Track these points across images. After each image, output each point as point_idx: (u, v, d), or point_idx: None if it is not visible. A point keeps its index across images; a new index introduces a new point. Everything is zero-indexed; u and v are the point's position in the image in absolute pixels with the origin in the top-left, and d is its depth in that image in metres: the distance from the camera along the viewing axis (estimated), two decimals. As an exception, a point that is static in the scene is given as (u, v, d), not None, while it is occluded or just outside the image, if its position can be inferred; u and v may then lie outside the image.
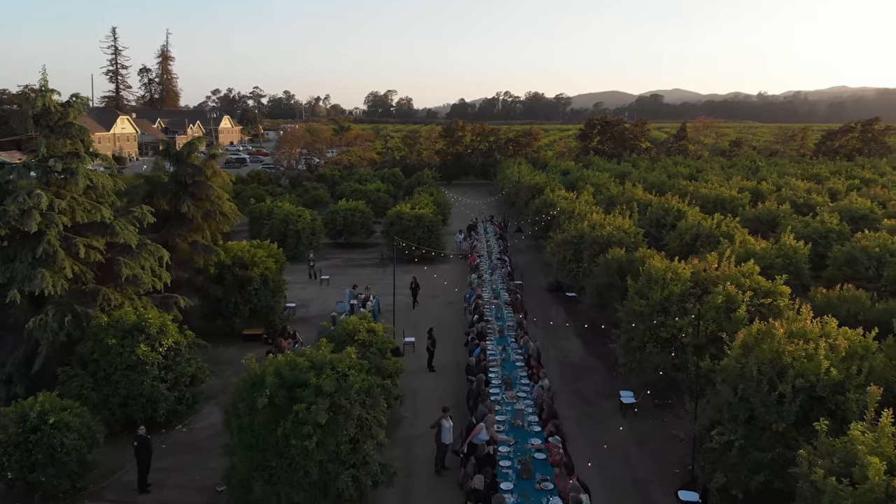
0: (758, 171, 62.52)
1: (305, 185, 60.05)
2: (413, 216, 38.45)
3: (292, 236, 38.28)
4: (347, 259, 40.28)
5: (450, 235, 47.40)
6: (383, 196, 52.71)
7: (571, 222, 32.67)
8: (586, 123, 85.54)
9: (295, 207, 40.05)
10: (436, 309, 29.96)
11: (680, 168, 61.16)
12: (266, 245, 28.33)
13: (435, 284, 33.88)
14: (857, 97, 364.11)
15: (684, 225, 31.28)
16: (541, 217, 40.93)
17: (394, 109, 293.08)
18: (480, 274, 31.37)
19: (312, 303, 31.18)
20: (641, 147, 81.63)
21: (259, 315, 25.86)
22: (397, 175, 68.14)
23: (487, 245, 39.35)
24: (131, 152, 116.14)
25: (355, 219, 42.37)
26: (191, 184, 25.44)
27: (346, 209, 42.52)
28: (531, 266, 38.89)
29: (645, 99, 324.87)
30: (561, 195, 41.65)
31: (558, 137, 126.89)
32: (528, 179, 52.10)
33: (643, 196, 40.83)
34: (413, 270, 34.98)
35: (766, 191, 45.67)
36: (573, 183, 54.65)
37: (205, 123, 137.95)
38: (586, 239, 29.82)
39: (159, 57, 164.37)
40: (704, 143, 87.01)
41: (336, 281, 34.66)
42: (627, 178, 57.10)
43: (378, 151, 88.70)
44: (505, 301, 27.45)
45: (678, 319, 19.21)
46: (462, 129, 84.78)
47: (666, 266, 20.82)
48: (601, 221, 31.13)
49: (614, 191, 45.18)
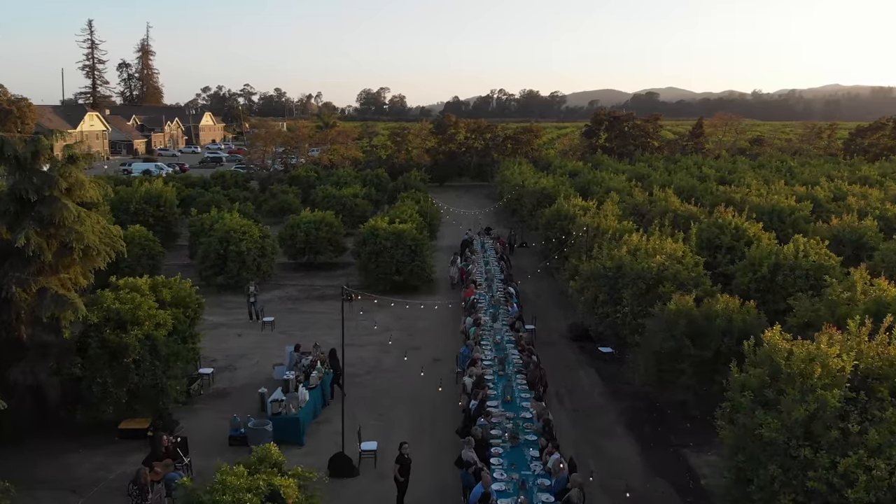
0: (792, 173, 53.67)
1: (273, 189, 50.83)
2: (391, 233, 29.36)
3: (234, 260, 29.16)
4: (307, 288, 31.06)
5: (440, 252, 38.36)
6: (361, 203, 43.55)
7: (602, 246, 23.68)
8: (593, 119, 76.32)
9: (241, 221, 30.85)
10: (416, 373, 21.04)
11: (706, 169, 52.16)
12: (172, 282, 19.28)
13: (418, 329, 24.93)
14: (852, 95, 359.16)
15: (758, 253, 22.31)
16: (554, 233, 31.92)
17: (386, 107, 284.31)
18: (478, 319, 22.29)
19: (244, 361, 22.06)
20: (653, 145, 72.57)
21: (144, 399, 16.78)
22: (382, 177, 58.94)
23: (486, 269, 30.35)
24: (101, 151, 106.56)
25: (321, 234, 33.21)
26: (36, 202, 16.28)
27: (308, 222, 33.33)
28: (543, 297, 29.80)
29: (641, 97, 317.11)
30: (578, 205, 32.65)
31: (556, 136, 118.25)
32: (532, 183, 43.06)
33: (681, 207, 31.83)
34: (388, 308, 25.97)
35: (823, 199, 36.72)
36: (585, 187, 45.64)
37: (184, 120, 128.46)
38: (627, 272, 20.86)
39: (139, 51, 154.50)
40: (723, 141, 77.98)
41: (285, 323, 25.56)
42: (647, 181, 48.18)
43: (364, 149, 79.54)
44: (516, 369, 18.46)
45: (840, 459, 10.25)
46: (455, 126, 75.56)
47: (805, 351, 11.76)
48: (645, 246, 22.17)
49: (640, 198, 36.20)
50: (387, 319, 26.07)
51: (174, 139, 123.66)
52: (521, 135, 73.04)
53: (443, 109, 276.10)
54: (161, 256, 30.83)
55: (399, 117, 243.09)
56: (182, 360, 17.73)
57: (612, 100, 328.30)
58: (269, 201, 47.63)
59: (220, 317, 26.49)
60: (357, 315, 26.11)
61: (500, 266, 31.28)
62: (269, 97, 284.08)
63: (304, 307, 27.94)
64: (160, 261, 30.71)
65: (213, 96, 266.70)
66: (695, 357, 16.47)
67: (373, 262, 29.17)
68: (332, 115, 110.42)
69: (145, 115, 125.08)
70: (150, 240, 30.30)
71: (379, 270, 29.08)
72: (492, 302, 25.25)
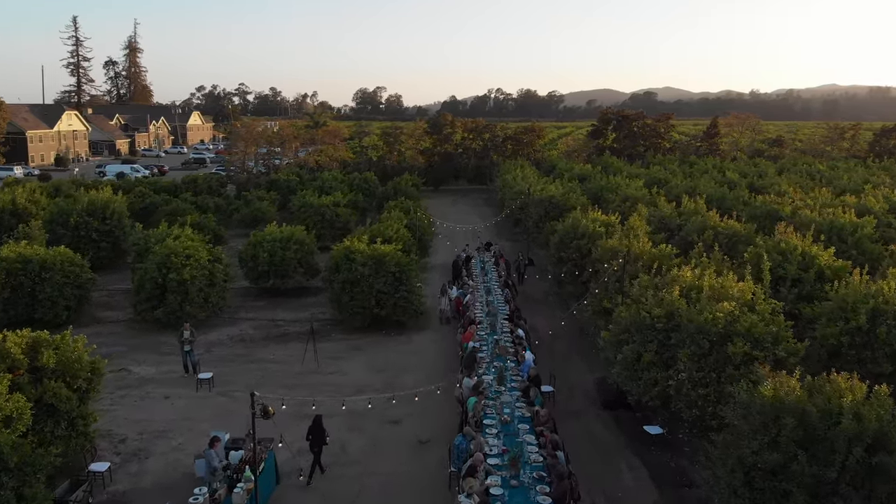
0: (822, 177, 47.91)
1: (246, 196, 44.89)
2: (370, 256, 23.43)
3: (175, 290, 23.23)
4: (266, 325, 24.93)
5: (433, 271, 32.52)
6: (343, 213, 37.60)
7: (638, 281, 17.79)
8: (599, 118, 70.23)
9: (186, 241, 24.87)
10: (393, 461, 15.11)
11: (731, 174, 46.22)
12: (59, 340, 13.49)
13: (401, 385, 19.09)
14: (850, 95, 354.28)
15: (849, 294, 16.46)
16: (569, 254, 26.04)
17: (383, 107, 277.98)
18: (480, 384, 16.36)
19: (163, 442, 16.04)
20: (665, 146, 66.61)
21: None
22: (371, 181, 52.98)
23: (488, 299, 24.51)
24: (81, 152, 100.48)
25: (288, 254, 27.29)
26: None
27: (272, 240, 27.39)
28: (559, 339, 23.77)
29: (639, 96, 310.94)
30: (598, 220, 26.77)
31: (556, 136, 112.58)
32: (539, 190, 37.17)
33: (723, 224, 25.90)
34: (364, 352, 20.14)
35: (879, 210, 30.88)
36: (598, 194, 39.85)
37: (170, 120, 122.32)
38: (683, 325, 15.04)
39: (126, 48, 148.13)
40: (738, 142, 71.97)
41: (229, 378, 19.63)
42: (666, 187, 42.36)
43: (354, 150, 73.64)
44: (534, 473, 12.65)
45: None
46: (451, 125, 69.57)
47: None
48: (702, 284, 16.30)
49: (667, 210, 30.34)
50: (360, 371, 20.22)
51: (160, 139, 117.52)
52: (522, 135, 67.03)
53: (439, 109, 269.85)
54: (90, 284, 24.91)
55: (395, 117, 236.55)
56: (43, 469, 11.88)
57: (610, 99, 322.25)
58: (240, 210, 41.71)
59: (150, 367, 20.60)
60: (322, 365, 20.30)
61: (503, 294, 25.43)
62: (265, 96, 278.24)
63: (258, 352, 21.97)
64: (88, 290, 24.80)
65: (207, 95, 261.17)
66: (810, 477, 10.66)
67: (347, 292, 23.26)
68: (324, 113, 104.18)
69: (130, 115, 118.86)
70: (76, 264, 24.41)
71: (355, 303, 23.18)
72: (495, 350, 19.44)
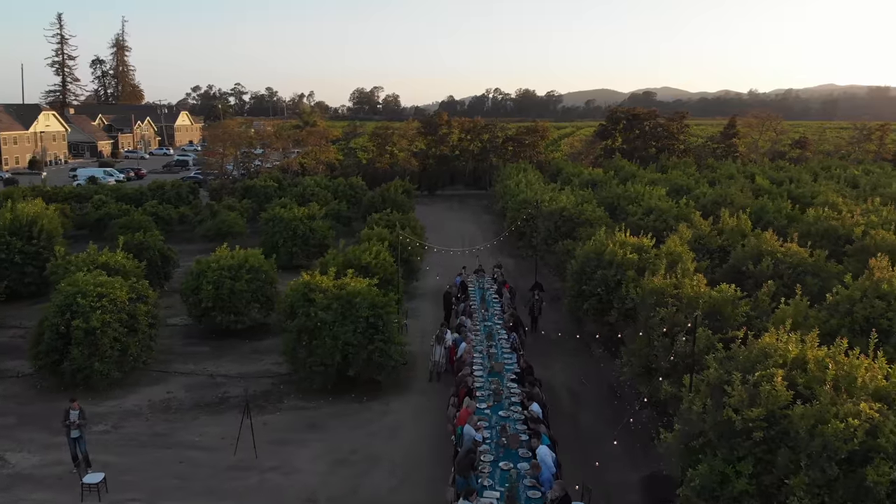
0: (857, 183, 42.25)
1: (213, 207, 39.10)
2: (335, 297, 17.66)
3: (83, 342, 17.47)
4: (202, 384, 19.12)
5: (420, 300, 26.84)
6: (319, 227, 31.86)
7: (726, 366, 11.95)
8: (608, 117, 64.34)
9: (96, 275, 19.07)
10: None
11: (761, 180, 40.31)
12: None
13: (373, 496, 13.31)
14: (849, 95, 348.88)
15: None
16: (592, 286, 20.26)
17: (380, 107, 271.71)
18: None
19: None
20: (679, 148, 60.74)
21: None
22: (357, 187, 47.23)
23: (489, 348, 18.82)
24: (59, 154, 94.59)
25: (238, 286, 21.51)
26: None
27: (218, 268, 21.60)
28: (586, 406, 17.80)
29: (638, 96, 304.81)
30: (628, 243, 20.96)
31: (556, 136, 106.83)
32: (549, 202, 31.41)
33: (783, 249, 20.11)
34: (326, 434, 14.49)
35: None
36: (613, 203, 34.20)
37: (156, 120, 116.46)
38: (798, 439, 9.33)
39: (113, 47, 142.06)
40: (759, 144, 66.06)
41: (131, 472, 13.87)
42: (691, 194, 36.68)
43: (345, 152, 67.95)
44: None
45: None
46: (447, 125, 63.73)
47: None
48: (817, 362, 10.56)
49: (705, 228, 24.57)
50: (312, 464, 14.47)
51: (145, 140, 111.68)
52: (524, 136, 61.13)
53: (437, 109, 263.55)
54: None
55: (393, 117, 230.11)
56: None
57: (608, 99, 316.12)
58: (205, 222, 35.92)
59: (33, 454, 14.89)
60: (262, 454, 14.62)
61: (510, 340, 19.72)
62: (261, 96, 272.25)
63: (183, 429, 16.22)
64: None
65: (203, 95, 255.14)
66: None
67: (305, 345, 17.53)
68: (313, 113, 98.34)
69: (115, 115, 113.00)
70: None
71: (314, 359, 17.43)
72: (501, 440, 13.76)
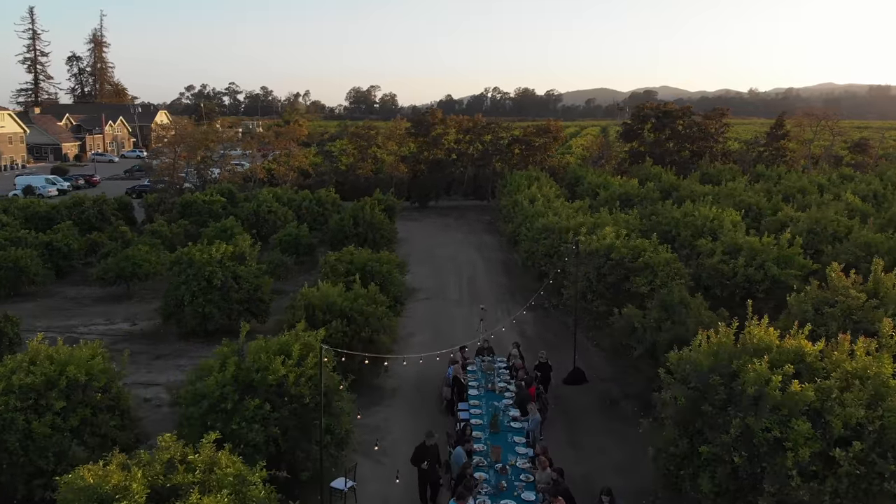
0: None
1: (126, 234, 28.83)
2: None
3: None
4: None
5: (409, 340, 16.64)
6: (246, 274, 21.54)
7: None
8: (634, 115, 53.86)
9: None
10: None
11: (850, 196, 30.11)
12: None
13: None
14: (850, 93, 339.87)
15: None
16: (718, 438, 10.07)
17: (377, 106, 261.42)
18: None
19: None
20: (719, 151, 50.46)
21: None
22: (329, 202, 37.10)
23: None
24: (17, 157, 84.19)
25: (39, 432, 11.30)
26: None
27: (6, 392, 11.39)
28: None
29: (638, 95, 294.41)
30: (790, 350, 10.81)
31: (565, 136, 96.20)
32: (586, 235, 21.21)
33: None
34: None
35: None
36: (669, 232, 24.20)
37: (129, 119, 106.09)
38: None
39: (90, 42, 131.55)
40: (811, 147, 55.66)
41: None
42: (761, 215, 26.71)
43: (329, 156, 57.86)
44: None
45: None
46: (441, 124, 53.33)
47: None
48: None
49: (858, 297, 14.39)
50: None
51: (118, 142, 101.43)
52: (534, 138, 50.63)
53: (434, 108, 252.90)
54: None
55: (389, 117, 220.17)
56: None
57: (608, 98, 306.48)
58: (102, 262, 25.48)
59: None
60: None
61: None
62: (256, 96, 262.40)
63: None
64: None
65: (197, 95, 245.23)
66: None
67: None
68: (294, 111, 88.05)
69: (85, 115, 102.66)
70: None
71: None
72: None
